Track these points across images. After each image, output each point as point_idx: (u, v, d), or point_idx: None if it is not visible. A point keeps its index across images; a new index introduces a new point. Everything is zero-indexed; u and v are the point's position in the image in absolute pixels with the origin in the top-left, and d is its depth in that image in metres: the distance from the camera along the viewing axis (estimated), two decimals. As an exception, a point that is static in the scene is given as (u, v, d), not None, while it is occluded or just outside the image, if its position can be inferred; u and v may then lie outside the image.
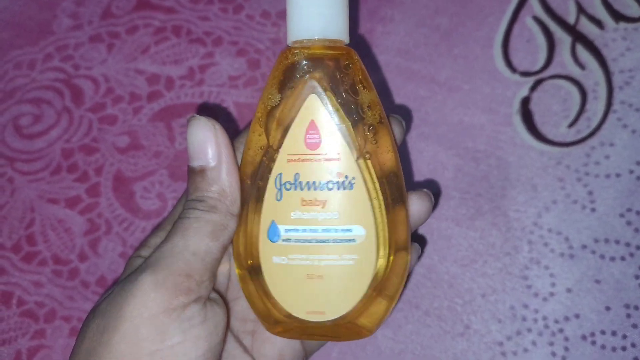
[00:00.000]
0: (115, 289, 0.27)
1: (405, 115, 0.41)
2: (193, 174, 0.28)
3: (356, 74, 0.28)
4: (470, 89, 0.41)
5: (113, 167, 0.42)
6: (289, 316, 0.29)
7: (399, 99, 0.42)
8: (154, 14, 0.45)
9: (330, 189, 0.28)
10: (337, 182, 0.28)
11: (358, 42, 0.43)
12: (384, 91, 0.42)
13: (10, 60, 0.46)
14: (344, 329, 0.29)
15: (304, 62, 0.28)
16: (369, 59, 0.43)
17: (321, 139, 0.28)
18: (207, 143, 0.28)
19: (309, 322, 0.28)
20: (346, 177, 0.28)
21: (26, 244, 0.41)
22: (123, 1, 0.46)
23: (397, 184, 0.29)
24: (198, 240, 0.27)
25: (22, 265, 0.41)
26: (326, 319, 0.28)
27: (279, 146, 0.28)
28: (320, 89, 0.28)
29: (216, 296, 0.29)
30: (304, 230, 0.28)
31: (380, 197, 0.28)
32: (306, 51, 0.28)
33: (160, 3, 0.46)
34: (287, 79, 0.28)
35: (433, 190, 0.39)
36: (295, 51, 0.28)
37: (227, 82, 0.44)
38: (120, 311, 0.25)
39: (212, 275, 0.28)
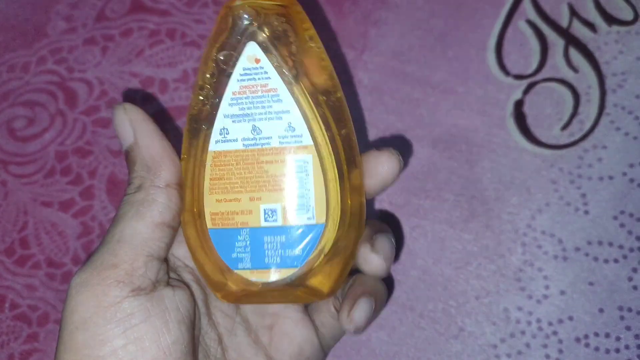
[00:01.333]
0: None
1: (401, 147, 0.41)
2: (126, 160, 0.27)
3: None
4: (464, 92, 0.41)
5: (107, 170, 0.42)
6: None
7: (393, 101, 0.42)
8: (149, 17, 0.45)
9: None
10: None
11: (352, 44, 0.43)
12: (377, 95, 0.42)
13: (3, 63, 0.45)
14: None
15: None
16: (363, 61, 0.43)
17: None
18: (124, 123, 0.26)
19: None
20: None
21: (19, 247, 0.41)
22: (117, 4, 0.46)
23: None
24: (123, 225, 0.25)
25: (15, 268, 0.41)
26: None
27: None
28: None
29: (178, 285, 0.26)
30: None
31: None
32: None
33: (155, 6, 0.46)
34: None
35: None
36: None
37: (221, 85, 0.44)
38: (62, 320, 0.24)
39: (147, 260, 0.25)
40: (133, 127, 0.26)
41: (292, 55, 0.27)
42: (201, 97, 0.28)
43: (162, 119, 0.43)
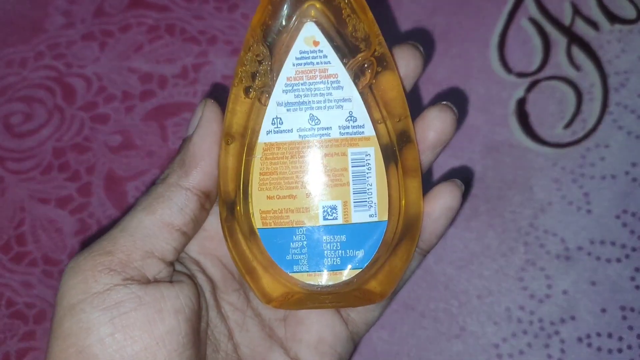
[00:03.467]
0: None
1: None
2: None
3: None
4: (467, 90, 0.41)
5: (105, 166, 0.42)
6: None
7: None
8: (148, 12, 0.45)
9: None
10: None
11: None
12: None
13: (1, 58, 0.45)
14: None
15: None
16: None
17: None
18: (193, 116, 0.26)
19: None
20: None
21: (16, 244, 0.41)
22: (116, -1, 0.46)
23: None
24: (131, 215, 0.24)
25: (11, 265, 0.40)
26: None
27: None
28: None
29: (181, 277, 0.25)
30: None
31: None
32: None
33: (154, 1, 0.45)
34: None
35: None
36: None
37: (221, 81, 0.43)
38: (55, 305, 0.23)
39: (146, 255, 0.24)
40: (199, 122, 0.25)
41: (353, 36, 0.25)
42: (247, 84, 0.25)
43: (162, 115, 0.43)
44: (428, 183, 0.40)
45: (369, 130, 0.25)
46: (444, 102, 0.27)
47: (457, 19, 0.43)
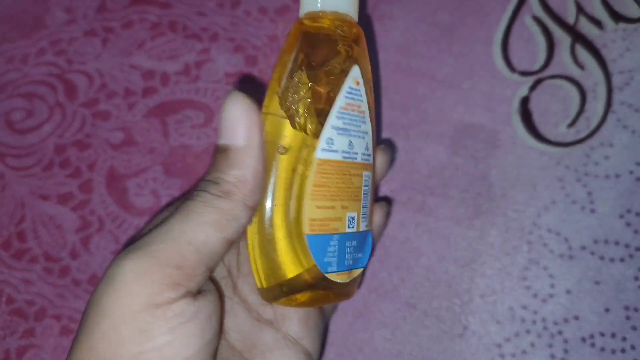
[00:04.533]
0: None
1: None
2: (217, 153, 0.25)
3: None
4: (470, 88, 0.41)
5: (106, 163, 0.42)
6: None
7: (398, 96, 0.41)
8: (150, 9, 0.45)
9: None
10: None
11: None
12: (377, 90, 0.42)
13: (2, 54, 0.45)
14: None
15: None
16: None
17: None
18: (240, 120, 0.25)
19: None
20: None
21: (16, 241, 0.40)
22: (118, -4, 0.45)
23: None
24: (197, 227, 0.24)
25: (12, 262, 0.40)
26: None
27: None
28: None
29: (209, 285, 0.26)
30: None
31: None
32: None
33: (156, -2, 0.45)
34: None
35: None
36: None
37: (223, 78, 0.43)
38: (99, 305, 0.22)
39: (208, 270, 0.24)
40: (252, 131, 0.25)
41: (368, 81, 0.30)
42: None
43: (164, 112, 0.42)
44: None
45: (371, 158, 0.30)
46: (381, 146, 0.33)
47: (460, 16, 0.43)
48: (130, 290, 0.22)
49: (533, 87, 0.40)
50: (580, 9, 0.42)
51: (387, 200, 0.39)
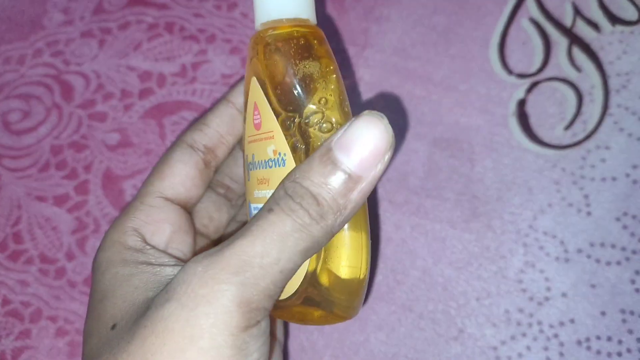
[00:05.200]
0: (168, 287, 0.23)
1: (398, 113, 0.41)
2: (331, 168, 0.23)
3: (315, 53, 0.27)
4: (467, 90, 0.41)
5: (102, 164, 0.42)
6: None
7: (394, 98, 0.41)
8: (147, 10, 0.45)
9: (270, 167, 0.27)
10: (274, 160, 0.27)
11: (354, 38, 0.43)
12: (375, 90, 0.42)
13: (-1, 55, 0.45)
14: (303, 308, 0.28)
15: (254, 44, 0.28)
16: (364, 58, 0.42)
17: (261, 119, 0.27)
18: (382, 156, 0.23)
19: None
20: (279, 154, 0.27)
21: (12, 242, 0.40)
22: (115, -3, 0.45)
23: None
24: (291, 257, 0.23)
25: (7, 263, 0.40)
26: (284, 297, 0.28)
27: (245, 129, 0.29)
28: (259, 70, 0.27)
29: None
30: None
31: None
32: (260, 34, 0.28)
33: (154, -1, 0.45)
34: (247, 62, 0.29)
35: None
36: (259, 33, 0.28)
37: (219, 80, 0.43)
38: (194, 320, 0.22)
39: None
40: (383, 167, 0.25)
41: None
42: None
43: (161, 114, 0.42)
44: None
45: None
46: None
47: (457, 18, 0.43)
48: (232, 313, 0.22)
49: (530, 90, 0.40)
50: (577, 12, 0.42)
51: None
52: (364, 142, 0.23)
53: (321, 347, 0.37)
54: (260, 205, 0.27)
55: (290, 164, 0.26)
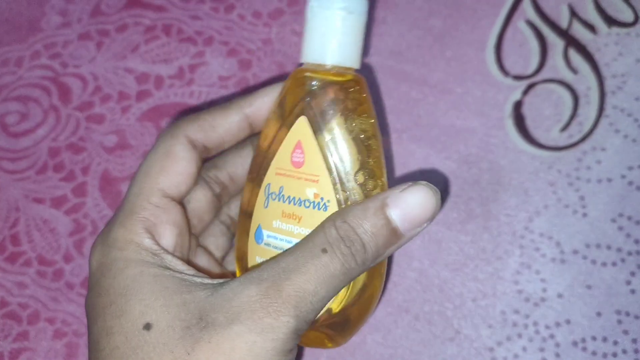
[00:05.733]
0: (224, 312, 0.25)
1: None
2: (382, 221, 0.26)
3: (359, 102, 0.29)
4: (463, 92, 0.41)
5: (100, 166, 0.42)
6: None
7: (391, 100, 0.41)
8: (145, 13, 0.45)
9: (307, 207, 0.28)
10: (313, 202, 0.28)
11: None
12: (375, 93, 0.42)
13: (-3, 57, 0.45)
14: (310, 334, 0.30)
15: (310, 84, 0.28)
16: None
17: (304, 160, 0.29)
18: (427, 219, 0.26)
19: None
20: (322, 198, 0.28)
21: (10, 244, 0.40)
22: (113, -1, 0.45)
23: None
24: (333, 294, 0.26)
25: (5, 265, 0.40)
26: None
27: (272, 157, 0.29)
28: (312, 111, 0.28)
29: None
30: (282, 240, 0.29)
31: None
32: (314, 75, 0.29)
33: (151, 1, 0.45)
34: (292, 96, 0.29)
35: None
36: (306, 73, 0.29)
37: (217, 82, 0.43)
38: (261, 344, 0.24)
39: None
40: (423, 227, 0.27)
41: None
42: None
43: (158, 116, 0.43)
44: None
45: None
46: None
47: (453, 21, 0.43)
48: (287, 341, 0.25)
49: (526, 92, 0.41)
50: (573, 13, 0.42)
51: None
52: (419, 211, 0.26)
53: (318, 349, 0.37)
54: (277, 235, 0.29)
55: (333, 210, 0.28)
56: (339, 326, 0.30)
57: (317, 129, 0.28)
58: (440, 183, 0.39)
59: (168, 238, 0.29)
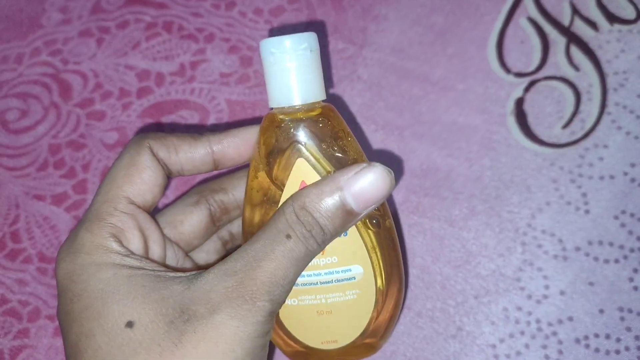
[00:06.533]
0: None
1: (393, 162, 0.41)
2: (341, 206, 0.27)
3: (335, 127, 0.30)
4: (464, 89, 0.41)
5: (101, 163, 0.42)
6: (307, 347, 0.31)
7: (392, 97, 0.41)
8: (145, 9, 0.45)
9: None
10: None
11: (348, 46, 0.43)
12: (378, 92, 0.42)
13: (-3, 54, 0.45)
14: (355, 349, 0.32)
15: (288, 128, 0.29)
16: (362, 57, 0.42)
17: None
18: (379, 199, 0.28)
19: (325, 350, 0.31)
20: None
21: (10, 241, 0.40)
22: (114, -4, 0.45)
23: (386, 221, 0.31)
24: (299, 274, 0.27)
25: (6, 262, 0.40)
26: (339, 346, 0.31)
27: (277, 199, 0.30)
28: (306, 153, 0.29)
29: None
30: (309, 275, 0.30)
31: (373, 237, 0.30)
32: (288, 117, 0.29)
33: (152, -2, 0.45)
34: (276, 143, 0.30)
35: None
36: (280, 117, 0.29)
37: (218, 79, 0.43)
38: (243, 328, 0.26)
39: None
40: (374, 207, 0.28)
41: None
42: None
43: (159, 113, 0.42)
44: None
45: None
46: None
47: (455, 18, 0.43)
48: (265, 324, 0.26)
49: (528, 89, 0.41)
50: (575, 11, 0.42)
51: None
52: (372, 191, 0.28)
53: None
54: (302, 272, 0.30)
55: (353, 232, 0.29)
56: (377, 333, 0.32)
57: (313, 165, 0.29)
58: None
59: (137, 243, 0.29)
